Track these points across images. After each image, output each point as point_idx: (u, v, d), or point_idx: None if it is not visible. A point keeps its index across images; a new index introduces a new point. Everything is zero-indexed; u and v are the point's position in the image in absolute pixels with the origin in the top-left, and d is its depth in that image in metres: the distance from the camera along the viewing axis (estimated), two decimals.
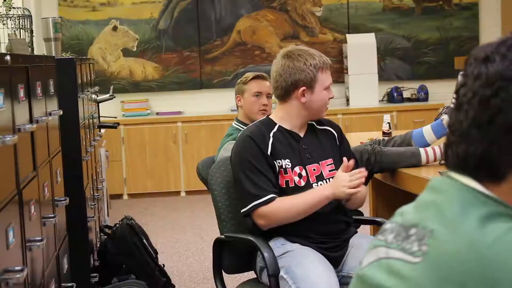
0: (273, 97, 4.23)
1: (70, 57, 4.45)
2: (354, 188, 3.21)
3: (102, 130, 6.09)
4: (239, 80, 4.50)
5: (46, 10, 8.20)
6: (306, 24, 9.08)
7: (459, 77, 4.27)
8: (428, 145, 4.19)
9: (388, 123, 4.92)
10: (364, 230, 5.03)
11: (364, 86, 8.76)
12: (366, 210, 5.01)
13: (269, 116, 3.48)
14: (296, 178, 3.33)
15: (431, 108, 8.58)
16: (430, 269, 1.13)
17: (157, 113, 8.81)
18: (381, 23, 9.18)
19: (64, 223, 3.51)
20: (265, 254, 3.17)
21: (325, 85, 3.40)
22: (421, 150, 4.00)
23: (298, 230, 3.29)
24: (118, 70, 8.90)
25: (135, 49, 8.90)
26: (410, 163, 3.97)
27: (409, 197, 4.19)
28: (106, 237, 4.90)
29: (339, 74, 9.08)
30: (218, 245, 3.52)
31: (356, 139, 4.95)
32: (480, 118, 1.22)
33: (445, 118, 4.17)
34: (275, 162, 3.30)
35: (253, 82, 4.44)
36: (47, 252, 2.88)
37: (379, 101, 9.01)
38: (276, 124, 3.41)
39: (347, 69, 8.81)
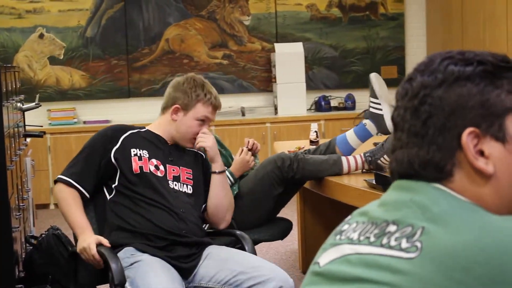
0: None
1: None
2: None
3: (28, 139, 6.00)
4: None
5: None
6: (234, 33, 9.11)
7: (371, 79, 4.32)
8: (353, 149, 4.24)
9: (316, 131, 4.97)
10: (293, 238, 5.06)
11: (292, 95, 8.81)
12: (294, 218, 5.04)
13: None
14: (152, 167, 3.51)
15: (358, 117, 8.67)
16: (430, 262, 1.17)
17: (85, 122, 8.73)
18: (309, 33, 9.26)
19: None
20: (112, 265, 3.24)
21: (198, 116, 3.62)
22: (343, 159, 4.07)
23: (146, 228, 3.42)
24: (44, 78, 8.79)
25: (62, 57, 8.81)
26: (332, 172, 4.04)
27: (335, 204, 4.25)
28: (31, 247, 4.83)
29: (267, 83, 9.13)
30: (73, 258, 3.53)
31: (283, 147, 4.99)
32: (414, 127, 1.31)
33: (367, 122, 4.22)
34: (130, 151, 3.52)
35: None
36: None
37: (307, 109, 9.08)
38: (145, 128, 3.74)
39: (275, 78, 8.86)
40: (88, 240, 3.35)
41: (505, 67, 1.32)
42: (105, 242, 3.36)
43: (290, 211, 5.41)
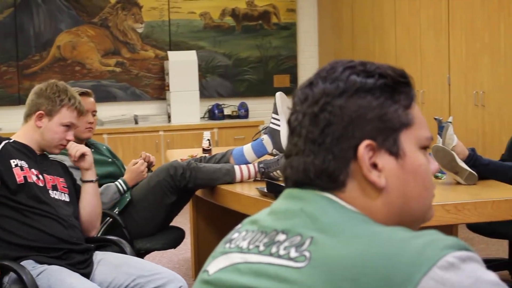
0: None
1: None
2: None
3: None
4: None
5: None
6: (127, 41, 9.05)
7: (276, 96, 4.40)
8: (248, 163, 4.28)
9: (208, 140, 4.99)
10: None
11: (185, 103, 8.81)
12: (186, 226, 5.05)
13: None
14: (34, 177, 3.44)
15: (251, 125, 8.76)
16: (319, 272, 1.17)
17: None
18: (202, 41, 9.29)
19: None
20: (24, 277, 3.17)
21: (63, 122, 3.56)
22: (236, 167, 4.10)
23: (40, 239, 3.35)
24: None
25: None
26: (225, 181, 4.07)
27: (228, 212, 4.27)
28: None
29: (161, 91, 9.11)
30: None
31: (176, 155, 4.98)
32: (312, 134, 1.29)
33: (265, 138, 4.27)
34: (10, 161, 3.39)
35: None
36: None
37: (201, 118, 9.09)
38: (11, 139, 3.58)
39: (168, 86, 8.84)
40: None
41: (403, 82, 1.33)
42: None
43: (183, 219, 5.41)
